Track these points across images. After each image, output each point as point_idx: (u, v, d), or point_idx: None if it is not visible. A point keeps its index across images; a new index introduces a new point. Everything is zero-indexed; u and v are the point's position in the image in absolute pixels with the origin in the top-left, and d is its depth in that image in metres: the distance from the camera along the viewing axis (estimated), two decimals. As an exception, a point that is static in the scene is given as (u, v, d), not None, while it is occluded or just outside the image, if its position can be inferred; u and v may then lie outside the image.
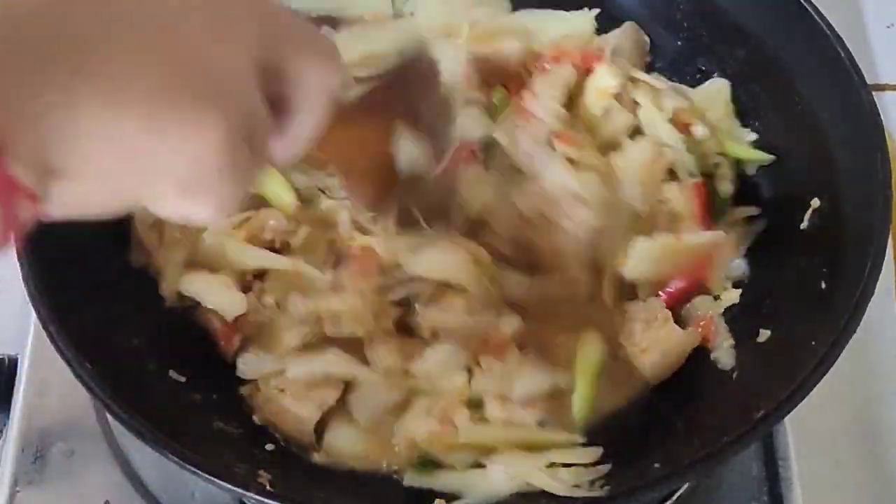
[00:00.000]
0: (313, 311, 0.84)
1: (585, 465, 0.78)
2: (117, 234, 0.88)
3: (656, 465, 0.75)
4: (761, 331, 0.85)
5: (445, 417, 0.81)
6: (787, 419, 0.83)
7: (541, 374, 0.83)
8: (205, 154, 0.43)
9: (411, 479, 0.80)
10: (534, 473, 0.77)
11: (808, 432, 0.92)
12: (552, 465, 0.78)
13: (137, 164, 0.42)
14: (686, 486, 0.87)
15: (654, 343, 0.85)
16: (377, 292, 0.85)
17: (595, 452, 0.79)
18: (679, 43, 1.01)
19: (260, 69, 0.46)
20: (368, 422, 0.82)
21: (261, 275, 0.88)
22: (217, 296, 0.86)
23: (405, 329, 0.86)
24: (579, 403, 0.83)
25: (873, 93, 0.83)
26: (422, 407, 0.82)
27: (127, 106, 0.40)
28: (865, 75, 0.84)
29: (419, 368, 0.83)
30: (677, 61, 1.02)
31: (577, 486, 0.76)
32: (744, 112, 0.96)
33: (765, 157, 0.93)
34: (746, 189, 0.95)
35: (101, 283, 0.83)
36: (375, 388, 0.82)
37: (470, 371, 0.84)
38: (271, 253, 0.87)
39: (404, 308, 0.86)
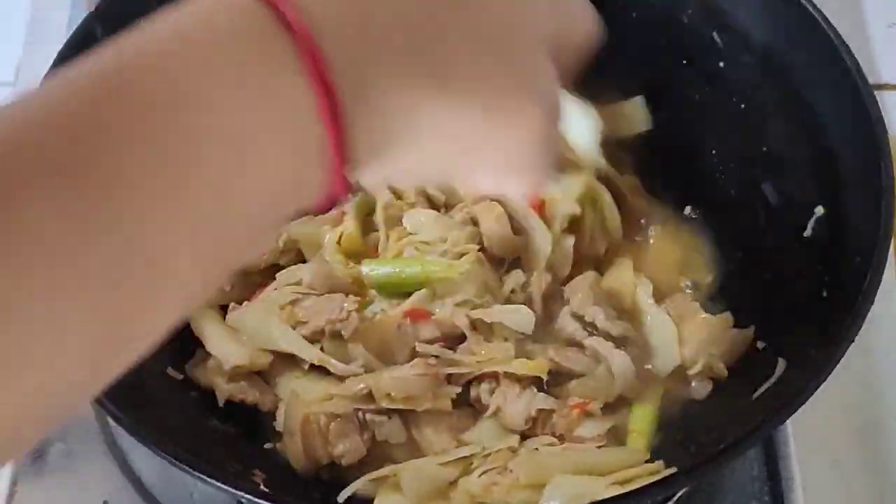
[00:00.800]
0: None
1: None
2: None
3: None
4: (761, 338, 0.86)
5: (502, 469, 0.78)
6: (786, 419, 0.83)
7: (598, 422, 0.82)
8: (527, 143, 0.47)
9: None
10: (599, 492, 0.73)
11: (808, 432, 0.92)
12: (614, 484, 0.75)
13: (464, 154, 0.46)
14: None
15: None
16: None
17: (659, 467, 0.76)
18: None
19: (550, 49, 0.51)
20: (419, 499, 0.77)
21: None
22: (219, 343, 0.84)
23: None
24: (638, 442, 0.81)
25: (874, 92, 0.83)
26: (476, 472, 0.78)
27: (465, 105, 0.44)
28: (866, 74, 0.84)
29: (472, 437, 0.81)
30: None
31: None
32: (748, 119, 0.96)
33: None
34: (751, 197, 0.95)
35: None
36: (426, 466, 0.79)
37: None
38: (306, 343, 0.84)
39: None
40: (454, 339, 0.84)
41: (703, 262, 0.96)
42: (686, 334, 0.87)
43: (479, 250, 0.87)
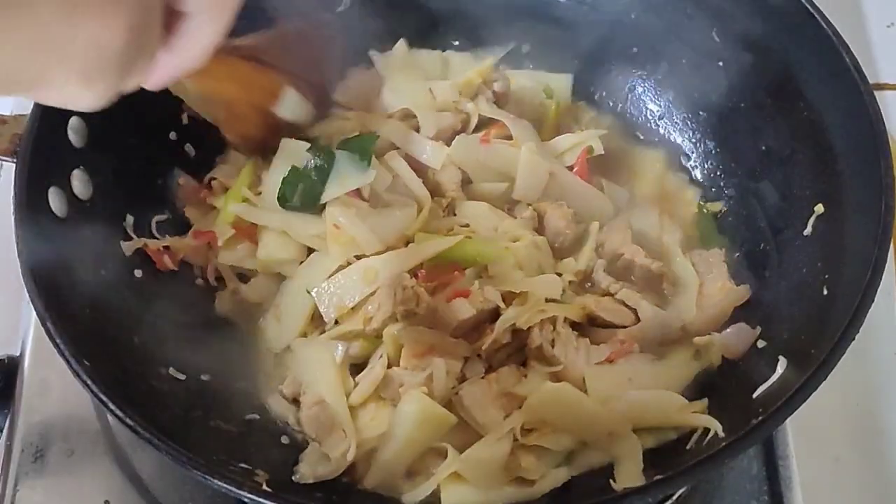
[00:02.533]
0: None
1: None
2: (117, 231, 0.89)
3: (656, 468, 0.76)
4: (762, 336, 0.86)
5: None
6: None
7: None
8: (110, 42, 0.45)
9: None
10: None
11: (808, 432, 0.92)
12: None
13: (45, 49, 0.44)
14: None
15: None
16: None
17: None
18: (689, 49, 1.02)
19: None
20: (486, 483, 0.79)
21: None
22: None
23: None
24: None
25: (873, 92, 0.83)
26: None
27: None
28: (866, 74, 0.84)
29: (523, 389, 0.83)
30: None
31: None
32: (750, 118, 0.96)
33: None
34: (752, 197, 0.96)
35: (100, 281, 0.83)
36: (482, 453, 0.80)
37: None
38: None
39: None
40: (488, 315, 0.87)
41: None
42: (706, 292, 0.91)
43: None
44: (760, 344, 0.85)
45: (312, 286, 0.87)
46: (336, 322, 0.87)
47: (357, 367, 0.87)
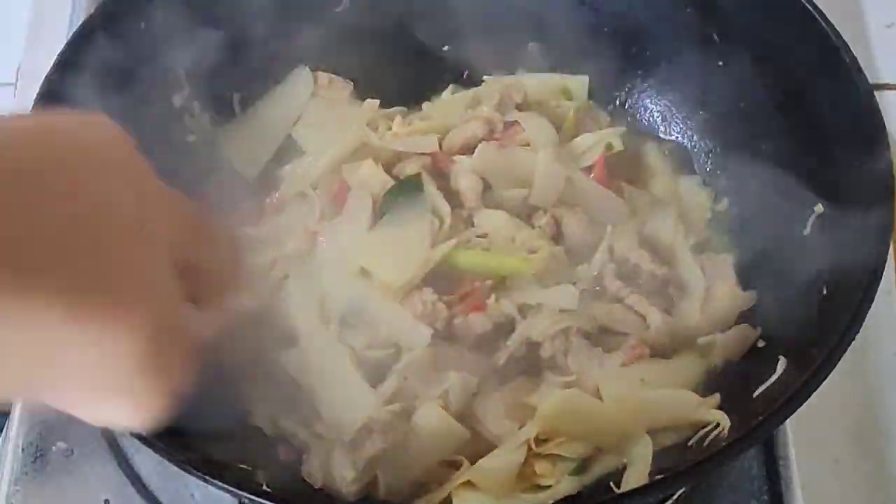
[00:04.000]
0: None
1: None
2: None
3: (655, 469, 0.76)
4: (762, 336, 0.86)
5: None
6: (786, 418, 0.83)
7: None
8: (122, 354, 0.39)
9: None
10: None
11: (808, 432, 0.92)
12: None
13: (46, 366, 0.38)
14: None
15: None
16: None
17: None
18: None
19: (176, 262, 0.45)
20: (500, 492, 0.79)
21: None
22: None
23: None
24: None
25: (874, 92, 0.83)
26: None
27: (40, 297, 0.36)
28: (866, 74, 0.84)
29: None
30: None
31: None
32: (751, 119, 0.96)
33: None
34: (751, 197, 0.95)
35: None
36: (496, 462, 0.79)
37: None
38: None
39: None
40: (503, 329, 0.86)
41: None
42: (713, 296, 0.90)
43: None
44: (760, 344, 0.85)
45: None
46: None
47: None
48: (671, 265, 0.92)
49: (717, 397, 0.82)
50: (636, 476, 0.77)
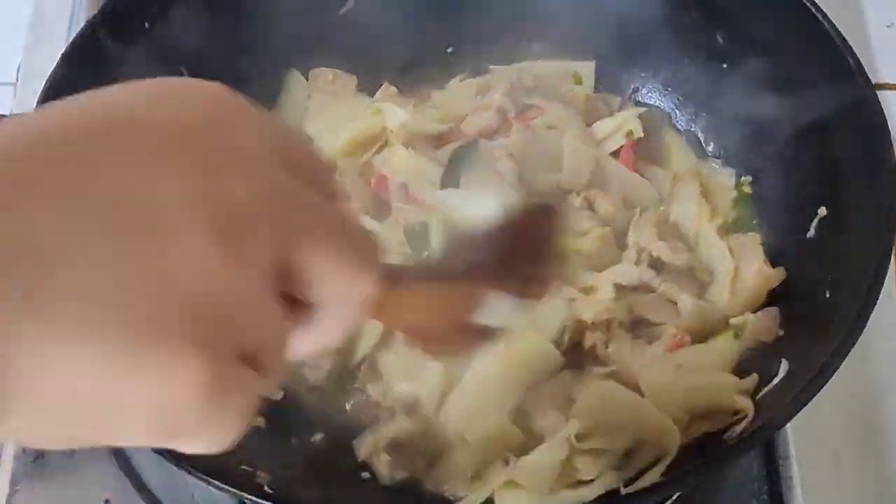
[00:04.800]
0: None
1: None
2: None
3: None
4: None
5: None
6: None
7: None
8: (184, 400, 0.34)
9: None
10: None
11: (808, 432, 0.92)
12: None
13: (96, 411, 0.33)
14: (685, 486, 0.87)
15: None
16: None
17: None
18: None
19: (274, 275, 0.37)
20: (542, 489, 0.78)
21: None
22: None
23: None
24: None
25: (876, 93, 0.83)
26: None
27: (83, 349, 0.31)
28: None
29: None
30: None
31: None
32: (753, 121, 0.96)
33: None
34: (753, 198, 0.95)
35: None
36: (540, 458, 0.79)
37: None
38: None
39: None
40: None
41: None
42: (742, 276, 0.90)
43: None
44: (762, 346, 0.85)
45: None
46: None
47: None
48: (697, 248, 0.92)
49: (754, 378, 0.81)
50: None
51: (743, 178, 0.98)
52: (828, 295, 0.79)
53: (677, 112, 1.05)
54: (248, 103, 0.37)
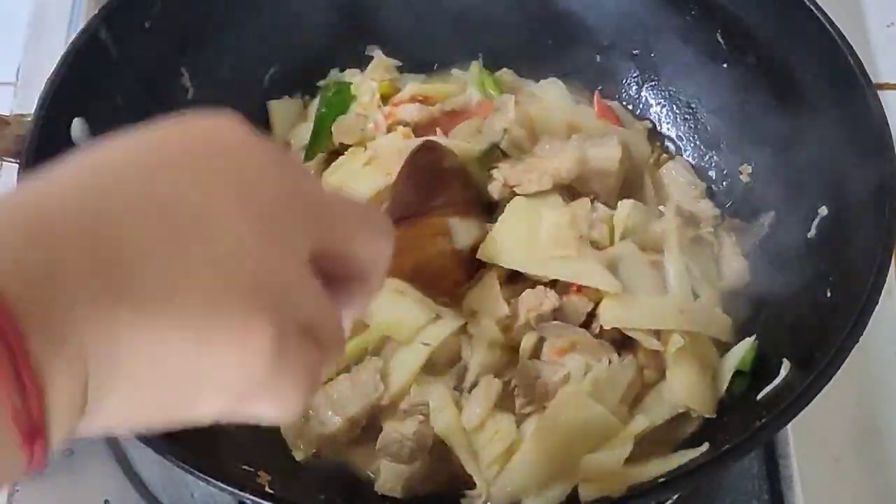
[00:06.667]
0: None
1: None
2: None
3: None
4: (764, 338, 0.86)
5: None
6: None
7: None
8: (254, 363, 0.39)
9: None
10: None
11: (808, 431, 0.92)
12: None
13: (183, 381, 0.39)
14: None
15: None
16: None
17: None
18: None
19: (312, 261, 0.43)
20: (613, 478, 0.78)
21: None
22: None
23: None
24: None
25: (877, 93, 0.83)
26: None
27: (171, 325, 0.37)
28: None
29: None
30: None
31: None
32: (754, 120, 0.97)
33: None
34: (755, 198, 0.95)
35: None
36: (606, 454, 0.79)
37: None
38: None
39: None
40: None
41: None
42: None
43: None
44: (763, 346, 0.85)
45: None
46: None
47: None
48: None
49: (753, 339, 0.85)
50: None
51: (743, 177, 0.98)
52: (828, 295, 0.79)
53: (674, 115, 1.05)
54: (251, 129, 0.44)
